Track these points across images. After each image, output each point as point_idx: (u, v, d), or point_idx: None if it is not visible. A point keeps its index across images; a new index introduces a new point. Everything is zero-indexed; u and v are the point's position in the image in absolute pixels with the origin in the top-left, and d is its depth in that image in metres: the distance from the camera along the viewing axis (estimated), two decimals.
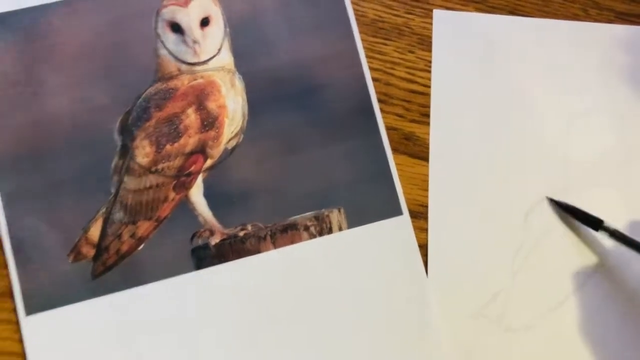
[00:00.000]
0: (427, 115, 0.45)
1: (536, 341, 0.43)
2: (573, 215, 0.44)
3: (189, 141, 0.42)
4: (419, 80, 0.45)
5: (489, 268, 0.44)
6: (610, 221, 0.43)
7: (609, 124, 0.46)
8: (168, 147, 0.42)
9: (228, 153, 0.43)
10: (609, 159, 0.46)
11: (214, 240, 0.42)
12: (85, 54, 0.42)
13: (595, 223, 0.43)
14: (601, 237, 0.44)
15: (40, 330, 0.39)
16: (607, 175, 0.46)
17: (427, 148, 0.44)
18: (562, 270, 0.44)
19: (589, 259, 0.44)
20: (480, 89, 0.46)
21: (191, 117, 0.42)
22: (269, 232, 0.42)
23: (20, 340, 0.39)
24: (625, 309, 0.44)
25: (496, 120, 0.45)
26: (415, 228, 0.43)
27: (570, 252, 0.44)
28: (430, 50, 0.45)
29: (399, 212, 0.43)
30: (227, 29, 0.43)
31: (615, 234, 0.42)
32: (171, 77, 0.42)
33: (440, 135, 0.45)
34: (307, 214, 0.43)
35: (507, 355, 0.42)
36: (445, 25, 0.46)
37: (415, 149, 0.45)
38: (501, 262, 0.44)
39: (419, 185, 0.44)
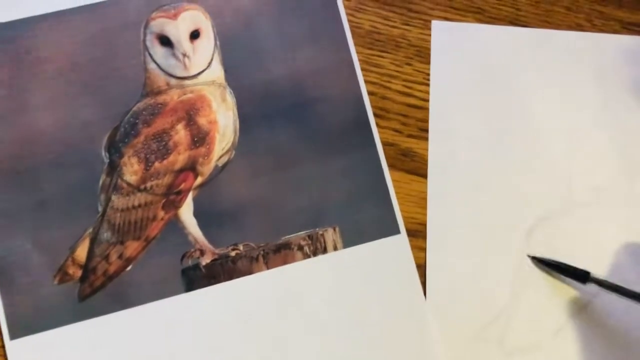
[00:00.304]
0: (425, 130, 0.44)
1: None
2: (559, 271, 0.42)
3: (179, 158, 0.41)
4: (417, 94, 0.44)
5: (489, 289, 0.42)
6: (611, 254, 0.42)
7: (612, 138, 0.45)
8: (157, 164, 0.41)
9: (219, 170, 0.41)
10: (611, 174, 0.45)
11: (205, 261, 0.40)
12: (71, 68, 0.41)
13: (583, 277, 0.41)
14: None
15: (26, 355, 0.38)
16: (610, 191, 0.44)
17: (425, 164, 0.43)
18: (565, 291, 0.43)
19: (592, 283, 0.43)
20: (480, 102, 0.44)
21: (181, 133, 0.41)
22: (262, 252, 0.41)
23: None
24: (614, 342, 0.42)
25: (496, 135, 0.44)
26: (413, 247, 0.42)
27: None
28: (428, 63, 0.44)
29: (396, 231, 0.42)
30: (218, 42, 0.42)
31: (604, 285, 0.41)
32: (160, 92, 0.41)
33: (439, 151, 0.43)
34: (301, 233, 0.41)
35: None
36: (444, 36, 0.44)
37: (412, 165, 0.43)
38: (502, 283, 0.42)
39: (417, 202, 0.43)
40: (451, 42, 0.45)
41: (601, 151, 0.45)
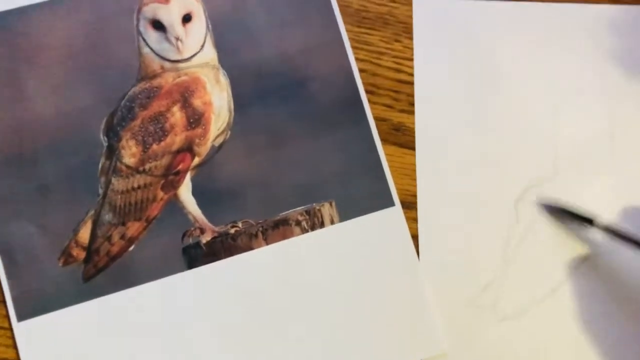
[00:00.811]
0: None
1: (530, 328, 0.43)
2: (565, 215, 0.43)
3: (176, 139, 0.42)
4: (406, 69, 0.45)
5: (481, 257, 0.43)
6: (602, 213, 0.43)
7: (597, 107, 0.46)
8: (154, 146, 0.42)
9: (215, 150, 0.42)
10: (598, 142, 0.46)
11: (205, 239, 0.42)
12: (67, 55, 0.42)
13: (588, 221, 0.43)
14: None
15: (33, 336, 0.39)
16: (597, 158, 0.45)
17: None
18: (555, 257, 0.44)
19: (581, 244, 0.44)
20: (465, 75, 0.45)
21: (177, 115, 0.42)
22: (260, 229, 0.42)
23: (15, 347, 0.39)
24: (616, 295, 0.44)
25: (482, 106, 0.45)
26: (408, 219, 0.43)
27: (562, 238, 0.44)
28: None
29: (390, 204, 0.43)
30: (210, 25, 0.43)
31: (608, 230, 0.42)
32: (155, 76, 0.42)
33: (425, 124, 0.44)
34: (298, 208, 0.43)
35: (502, 342, 0.42)
36: (426, 11, 0.45)
37: (405, 139, 0.44)
38: (493, 251, 0.44)
39: (410, 175, 0.44)
40: (433, 16, 0.46)
41: (585, 118, 0.46)
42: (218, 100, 0.43)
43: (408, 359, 0.41)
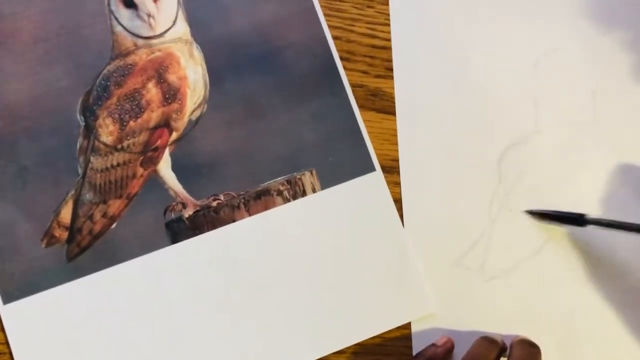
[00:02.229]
0: (392, 70, 0.45)
1: (517, 287, 0.43)
2: (554, 220, 0.43)
3: (152, 116, 0.42)
4: (380, 34, 0.45)
5: (466, 217, 0.44)
6: (585, 172, 0.44)
7: (576, 61, 0.47)
8: (131, 123, 0.42)
9: (193, 124, 0.43)
10: (579, 99, 0.46)
11: (187, 213, 0.42)
12: (39, 38, 0.43)
13: (579, 220, 0.42)
14: None
15: (21, 318, 0.40)
16: (579, 115, 0.46)
17: (394, 102, 0.45)
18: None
19: (570, 198, 0.44)
20: (441, 38, 0.46)
21: (152, 92, 0.42)
22: (242, 200, 0.43)
23: (2, 329, 0.40)
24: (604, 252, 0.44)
25: (461, 67, 0.46)
26: (389, 183, 0.44)
27: (545, 196, 0.44)
28: (388, 4, 0.46)
29: (371, 169, 0.44)
30: (181, 0, 0.43)
31: (601, 223, 0.41)
32: (128, 53, 0.43)
33: (405, 88, 0.45)
34: (279, 178, 0.43)
35: (489, 301, 0.43)
36: None
37: (382, 104, 0.45)
38: (477, 211, 0.44)
39: (390, 140, 0.44)
40: None
41: (565, 75, 0.46)
42: (193, 74, 0.43)
43: (397, 321, 0.42)
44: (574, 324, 0.43)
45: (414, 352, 0.42)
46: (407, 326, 0.42)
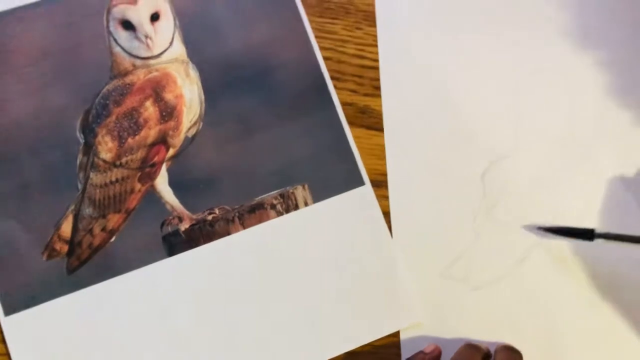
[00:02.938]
0: (379, 88, 0.47)
1: (501, 297, 0.45)
2: (565, 235, 0.45)
3: (150, 133, 0.44)
4: (369, 55, 0.48)
5: (451, 230, 0.46)
6: (562, 185, 0.46)
7: (554, 83, 0.49)
8: (130, 140, 0.44)
9: (189, 141, 0.45)
10: (556, 117, 0.48)
11: (184, 226, 0.44)
12: (40, 58, 0.44)
13: (589, 235, 0.44)
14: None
15: (21, 329, 0.42)
16: (556, 133, 0.48)
17: (382, 119, 0.47)
18: (521, 227, 0.46)
19: (546, 216, 0.47)
20: (426, 57, 0.48)
21: (150, 110, 0.44)
22: (237, 214, 0.44)
23: (3, 341, 0.41)
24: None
25: (444, 86, 0.48)
26: (378, 196, 0.46)
27: (528, 209, 0.47)
28: (375, 26, 0.48)
29: (360, 183, 0.46)
30: (177, 22, 0.46)
31: (609, 237, 0.44)
32: (127, 73, 0.45)
33: (392, 105, 0.47)
34: (273, 192, 0.45)
35: (475, 311, 0.45)
36: None
37: (370, 121, 0.47)
38: (462, 223, 0.46)
39: (378, 155, 0.47)
40: (393, 3, 0.48)
41: (543, 95, 0.49)
42: (189, 93, 0.45)
43: (386, 330, 0.44)
44: (556, 332, 0.45)
45: (403, 359, 0.43)
46: (396, 334, 0.44)
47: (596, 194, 0.47)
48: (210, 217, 0.44)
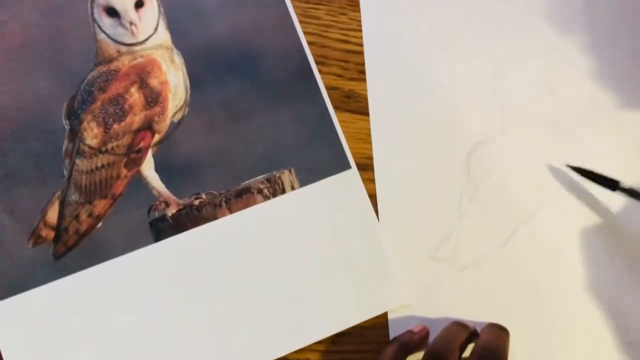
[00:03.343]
0: (364, 73, 0.48)
1: (489, 277, 0.46)
2: (589, 178, 0.46)
3: (135, 119, 0.44)
4: (353, 40, 0.48)
5: (437, 212, 0.46)
6: (551, 162, 0.47)
7: (536, 63, 0.50)
8: (115, 126, 0.44)
9: (175, 126, 0.45)
10: (540, 97, 0.49)
11: (171, 212, 0.44)
12: (25, 45, 0.45)
13: (612, 184, 0.45)
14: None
15: (8, 316, 0.42)
16: (541, 113, 0.49)
17: (367, 103, 0.47)
18: (508, 207, 0.47)
19: (534, 193, 0.47)
20: (409, 41, 0.49)
21: (135, 96, 0.44)
22: (224, 199, 0.45)
23: None
24: (573, 237, 0.47)
25: (429, 69, 0.48)
26: (364, 180, 0.46)
27: (514, 188, 0.47)
28: (359, 11, 0.48)
29: (347, 166, 0.46)
30: (161, 8, 0.46)
31: (632, 192, 0.44)
32: (112, 60, 0.45)
33: (377, 89, 0.48)
34: (259, 177, 0.45)
35: (462, 291, 0.45)
36: None
37: (356, 105, 0.47)
38: (448, 205, 0.47)
39: (364, 139, 0.47)
40: None
41: (527, 74, 0.49)
42: (174, 79, 0.45)
43: (374, 312, 0.44)
44: (542, 311, 0.45)
45: (391, 336, 0.44)
46: (384, 316, 0.44)
47: (580, 176, 0.47)
48: (197, 202, 0.44)
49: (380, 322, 0.44)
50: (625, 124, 0.49)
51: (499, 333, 0.41)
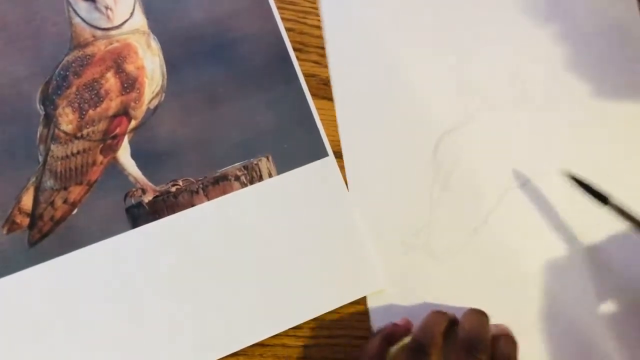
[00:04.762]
0: None
1: (464, 263, 0.47)
2: (582, 188, 0.47)
3: (111, 104, 0.44)
4: None
5: (409, 203, 0.47)
6: (514, 153, 0.48)
7: (501, 52, 0.51)
8: (91, 112, 0.44)
9: (151, 112, 0.45)
10: (505, 86, 0.50)
11: (147, 198, 0.44)
12: None
13: (603, 199, 0.46)
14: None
15: None
16: (506, 101, 0.50)
17: None
18: (477, 194, 0.48)
19: (500, 180, 0.49)
20: (373, 26, 0.49)
21: (111, 81, 0.45)
22: (201, 185, 0.45)
23: None
24: (543, 219, 0.48)
25: (391, 59, 0.49)
26: (341, 167, 0.47)
27: (482, 176, 0.48)
28: None
29: (324, 154, 0.47)
30: None
31: (620, 210, 0.45)
32: (87, 44, 0.45)
33: (340, 76, 0.48)
34: (237, 164, 0.46)
35: (438, 279, 0.46)
36: None
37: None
38: (419, 196, 0.48)
39: None
40: None
41: (489, 63, 0.50)
42: (150, 64, 0.45)
43: (350, 297, 0.45)
44: (516, 292, 0.47)
45: (374, 328, 0.45)
46: (360, 301, 0.45)
47: (548, 160, 0.48)
48: (173, 189, 0.45)
49: (356, 308, 0.45)
50: (592, 110, 0.50)
51: (480, 318, 0.42)
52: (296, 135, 0.47)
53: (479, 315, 0.43)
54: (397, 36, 0.49)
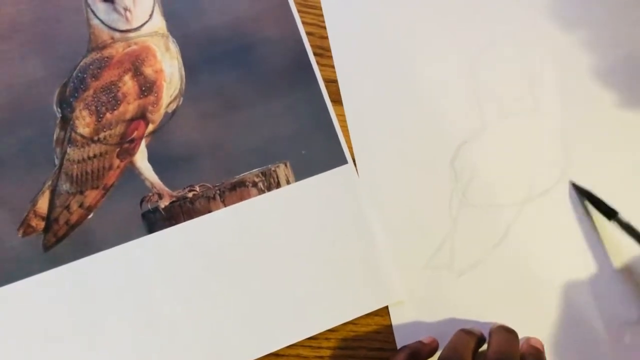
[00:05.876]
0: None
1: (488, 278, 0.46)
2: (589, 201, 0.47)
3: (129, 108, 0.44)
4: None
5: (429, 219, 0.47)
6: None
7: (511, 54, 0.50)
8: (108, 115, 0.44)
9: (169, 117, 0.45)
10: (519, 92, 0.49)
11: (163, 204, 0.44)
12: (16, 29, 0.44)
13: (610, 214, 0.46)
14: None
15: None
16: (521, 107, 0.49)
17: None
18: (497, 206, 0.47)
19: (519, 191, 0.48)
20: (384, 43, 0.49)
21: (128, 84, 0.44)
22: (218, 191, 0.45)
23: None
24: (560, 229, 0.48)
25: (406, 75, 0.49)
26: None
27: (500, 187, 0.48)
28: None
29: (343, 161, 0.46)
30: None
31: (627, 227, 0.45)
32: (105, 46, 0.44)
33: (351, 93, 0.48)
34: (254, 170, 0.45)
35: (463, 296, 0.46)
36: None
37: None
38: (438, 212, 0.47)
39: None
40: None
41: (504, 73, 0.50)
42: (169, 67, 0.45)
43: (367, 307, 0.45)
44: (543, 302, 0.46)
45: (398, 345, 0.44)
46: (379, 312, 0.45)
47: (566, 170, 0.48)
48: (190, 195, 0.44)
49: (374, 320, 0.45)
50: (616, 120, 0.49)
51: (508, 336, 0.42)
52: (315, 142, 0.46)
53: (508, 334, 0.42)
54: (413, 43, 0.49)
